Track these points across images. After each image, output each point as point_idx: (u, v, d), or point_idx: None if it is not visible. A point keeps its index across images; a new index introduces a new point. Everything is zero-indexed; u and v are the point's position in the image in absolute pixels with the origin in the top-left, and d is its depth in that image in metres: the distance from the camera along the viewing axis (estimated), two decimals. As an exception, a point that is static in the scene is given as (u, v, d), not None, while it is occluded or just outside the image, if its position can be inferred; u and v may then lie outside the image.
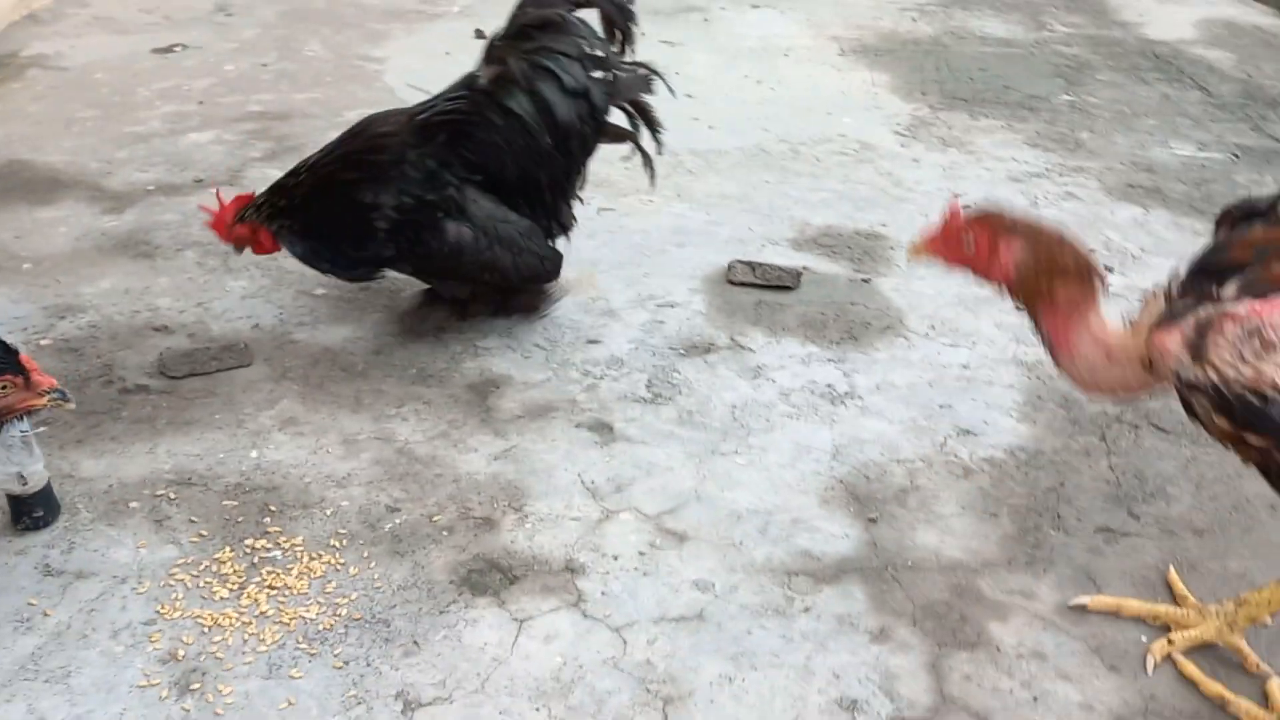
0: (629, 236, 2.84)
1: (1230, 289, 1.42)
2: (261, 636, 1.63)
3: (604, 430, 2.14)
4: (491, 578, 1.78)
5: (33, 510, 1.76)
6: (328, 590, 1.72)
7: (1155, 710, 1.60)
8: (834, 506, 1.96)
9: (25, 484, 1.72)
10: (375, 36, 4.03)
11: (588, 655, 1.64)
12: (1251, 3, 4.97)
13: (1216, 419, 1.43)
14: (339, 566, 1.77)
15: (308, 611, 1.68)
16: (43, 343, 2.23)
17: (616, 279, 2.63)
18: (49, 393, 1.52)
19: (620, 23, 2.29)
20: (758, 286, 2.63)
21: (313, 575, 1.75)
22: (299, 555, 1.78)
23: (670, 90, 2.37)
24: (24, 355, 1.49)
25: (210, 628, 1.63)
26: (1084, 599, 1.77)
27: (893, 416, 2.20)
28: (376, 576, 1.76)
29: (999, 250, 1.57)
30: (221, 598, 1.69)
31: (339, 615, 1.68)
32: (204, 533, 1.81)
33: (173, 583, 1.71)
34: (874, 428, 2.18)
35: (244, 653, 1.60)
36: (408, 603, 1.71)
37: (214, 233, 2.20)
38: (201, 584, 1.71)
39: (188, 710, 1.51)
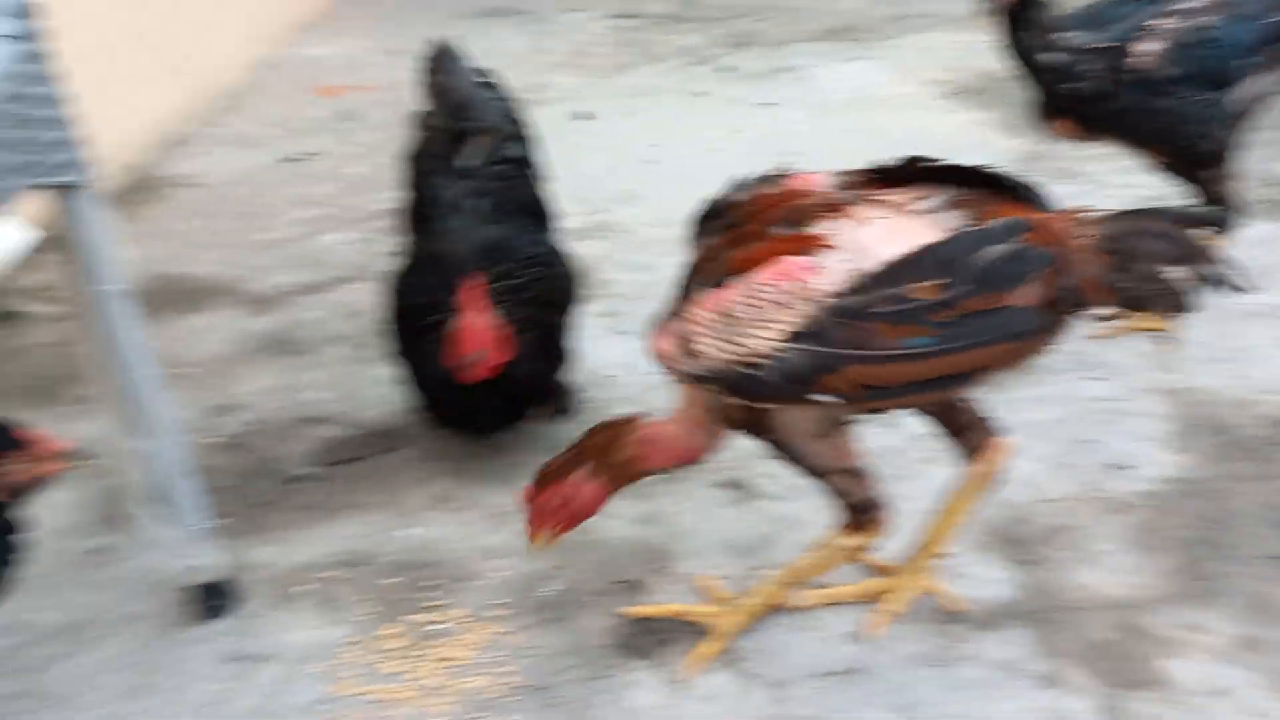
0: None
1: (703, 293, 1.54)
2: (433, 709, 1.68)
3: (738, 488, 2.16)
4: (646, 641, 1.80)
5: (214, 599, 1.86)
6: (492, 660, 1.77)
7: (1353, 743, 1.52)
8: (984, 550, 1.93)
9: (206, 574, 1.83)
10: (484, 127, 4.19)
11: (750, 713, 1.65)
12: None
13: (728, 400, 1.54)
14: (500, 636, 1.82)
15: (475, 681, 1.73)
16: (207, 442, 2.37)
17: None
18: (59, 456, 1.48)
19: None
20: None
21: (476, 646, 1.80)
22: (462, 627, 1.84)
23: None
24: (19, 430, 1.46)
25: (384, 702, 1.70)
26: (632, 609, 1.85)
27: (1035, 455, 2.16)
28: (537, 644, 1.80)
29: (581, 485, 1.66)
30: (392, 672, 1.76)
31: (505, 684, 1.73)
32: (371, 611, 1.89)
33: (345, 661, 1.78)
34: (1017, 468, 2.14)
35: (418, 725, 1.66)
36: (570, 669, 1.75)
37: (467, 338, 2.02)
38: (372, 660, 1.78)
39: (371, 783, 1.57)
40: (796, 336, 1.44)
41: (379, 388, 2.52)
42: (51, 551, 2.04)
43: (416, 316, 2.14)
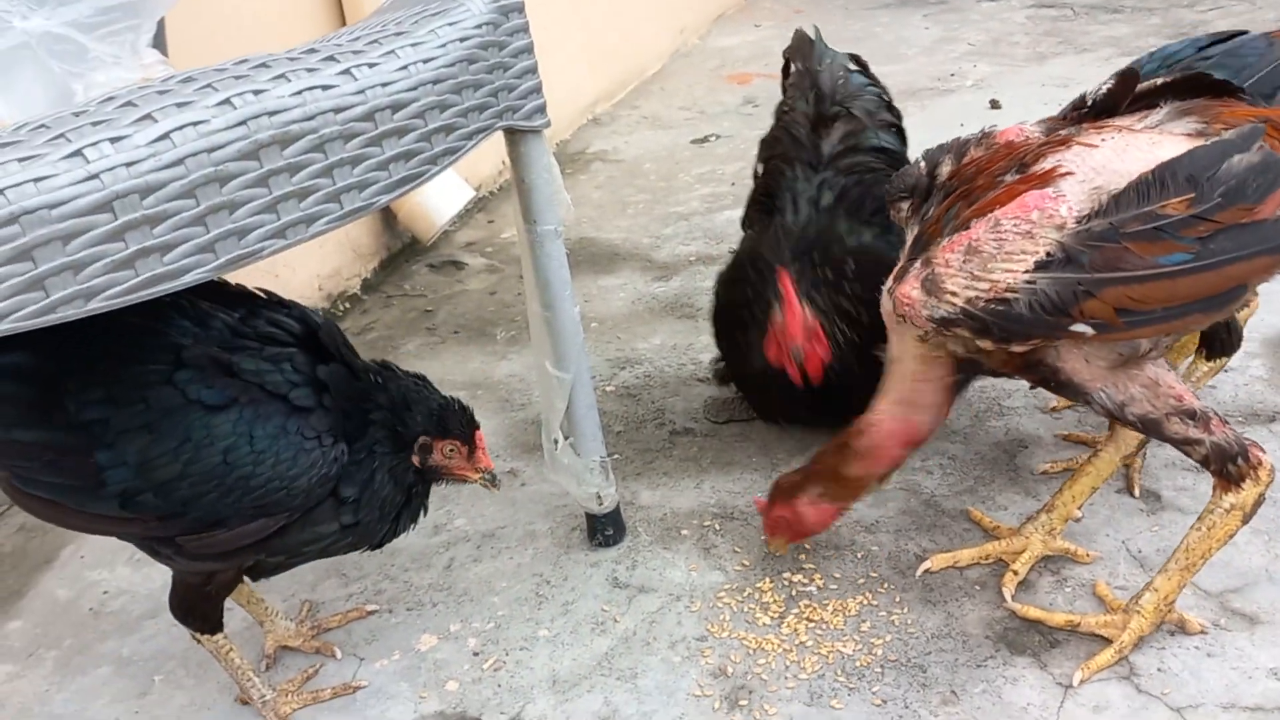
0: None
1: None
2: (802, 665, 1.69)
3: (1150, 498, 1.97)
4: (1030, 638, 1.70)
5: (605, 529, 1.99)
6: (862, 629, 1.75)
7: None
8: None
9: (601, 504, 1.96)
10: (889, 114, 4.15)
11: (1145, 732, 1.51)
12: None
13: (981, 343, 1.48)
14: (871, 607, 1.79)
15: (844, 647, 1.72)
16: (608, 389, 2.53)
17: (1158, 341, 2.43)
18: (481, 473, 1.61)
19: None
20: (1337, 351, 2.29)
21: (847, 613, 1.78)
22: (833, 592, 1.83)
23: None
24: (479, 432, 1.59)
25: (754, 650, 1.73)
26: (926, 564, 1.83)
27: None
28: (909, 622, 1.75)
29: (809, 509, 1.74)
30: (764, 624, 1.78)
31: (874, 654, 1.70)
32: (745, 563, 1.93)
33: (720, 605, 1.83)
34: None
35: (786, 678, 1.67)
36: (942, 651, 1.69)
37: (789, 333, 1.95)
38: (745, 609, 1.82)
39: (737, 723, 1.60)
40: (1047, 265, 1.40)
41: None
42: (471, 468, 2.28)
43: (735, 311, 2.09)
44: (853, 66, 2.37)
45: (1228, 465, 1.50)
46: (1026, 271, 1.40)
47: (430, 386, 1.59)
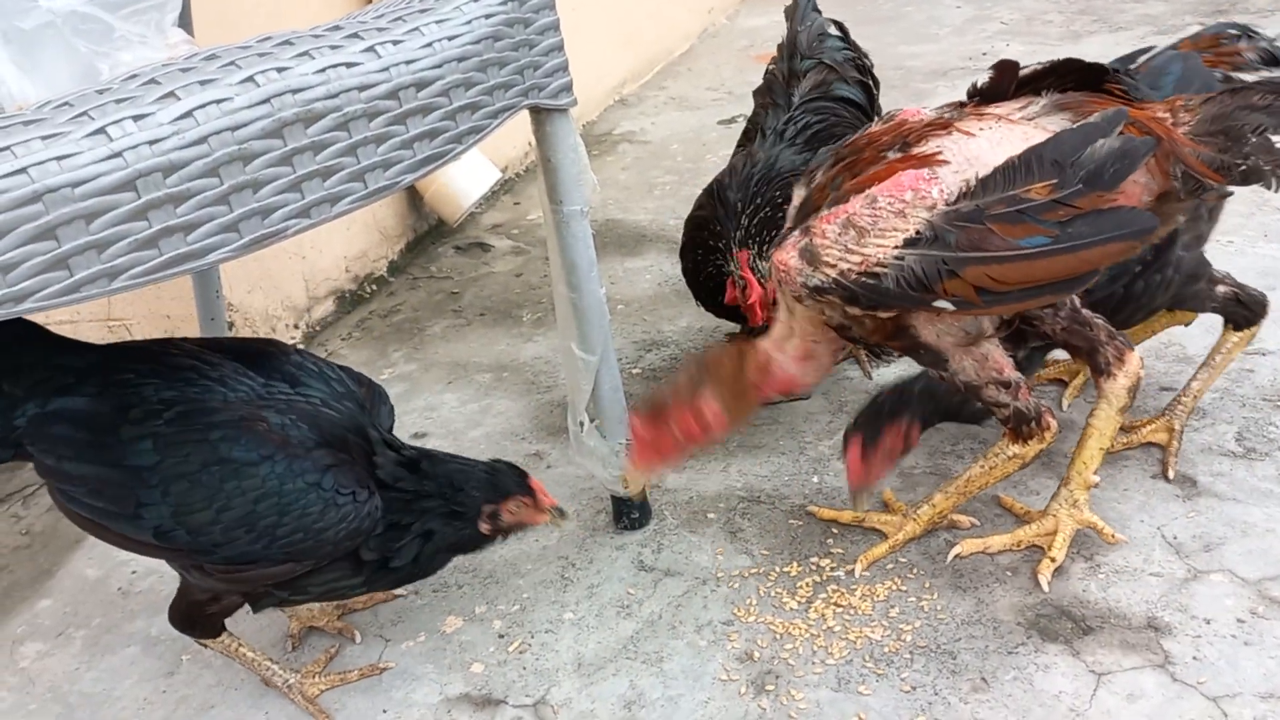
0: (1208, 280, 2.56)
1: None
2: (829, 650, 1.67)
3: (1186, 483, 1.94)
4: (1062, 625, 1.67)
5: (631, 512, 1.98)
6: (891, 615, 1.73)
7: None
8: None
9: (627, 487, 1.94)
10: (920, 95, 4.09)
11: (1180, 722, 1.48)
12: None
13: (850, 310, 1.54)
14: (901, 593, 1.77)
15: (872, 632, 1.70)
16: (634, 371, 2.52)
17: (1194, 324, 2.39)
18: (551, 510, 1.66)
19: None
20: (1381, 334, 2.24)
21: (876, 598, 1.76)
22: (861, 578, 1.81)
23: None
24: (532, 479, 1.66)
25: (781, 635, 1.71)
26: (956, 549, 1.81)
27: None
28: (939, 608, 1.73)
29: (699, 411, 1.64)
30: (791, 609, 1.77)
31: (903, 640, 1.67)
32: (772, 547, 1.91)
33: (746, 589, 1.82)
34: None
35: (813, 663, 1.66)
36: (973, 638, 1.67)
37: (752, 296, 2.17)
38: (772, 594, 1.80)
39: (764, 709, 1.59)
40: (915, 243, 1.46)
41: (796, 338, 2.55)
42: (498, 451, 2.27)
43: (698, 229, 2.30)
44: (833, 31, 2.53)
45: (1022, 426, 1.69)
46: (896, 248, 1.47)
47: (467, 460, 1.64)
